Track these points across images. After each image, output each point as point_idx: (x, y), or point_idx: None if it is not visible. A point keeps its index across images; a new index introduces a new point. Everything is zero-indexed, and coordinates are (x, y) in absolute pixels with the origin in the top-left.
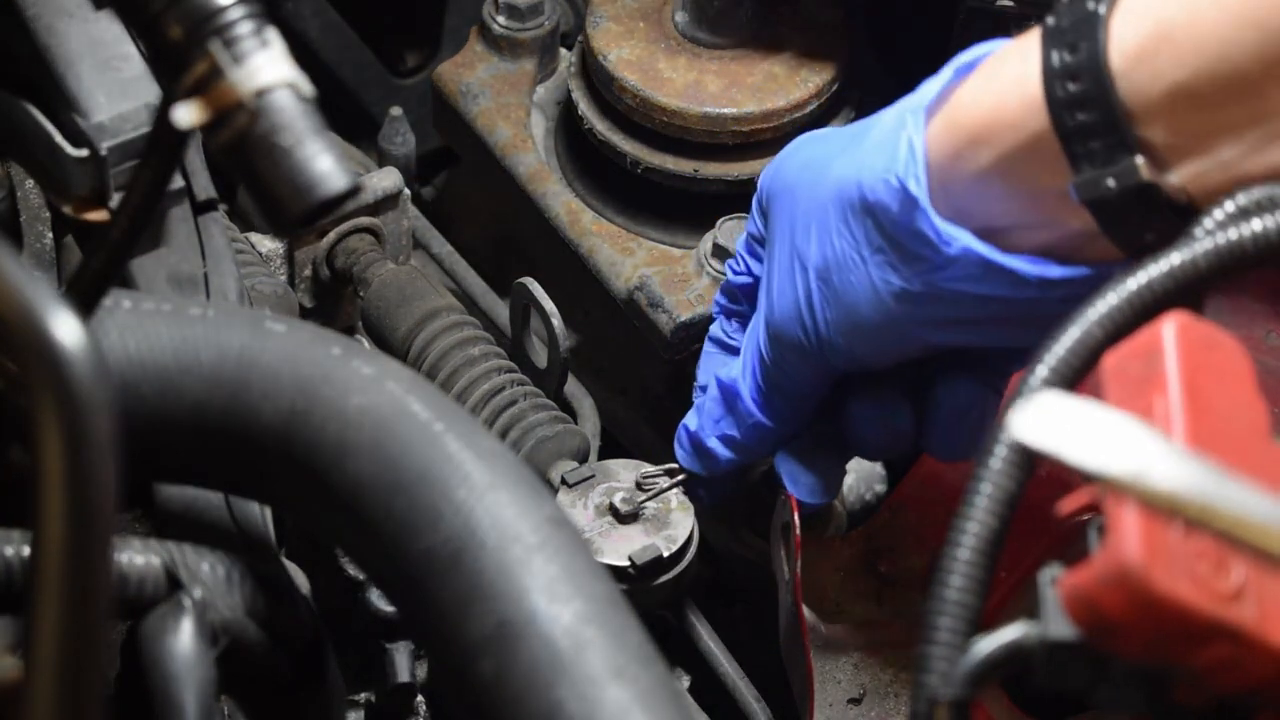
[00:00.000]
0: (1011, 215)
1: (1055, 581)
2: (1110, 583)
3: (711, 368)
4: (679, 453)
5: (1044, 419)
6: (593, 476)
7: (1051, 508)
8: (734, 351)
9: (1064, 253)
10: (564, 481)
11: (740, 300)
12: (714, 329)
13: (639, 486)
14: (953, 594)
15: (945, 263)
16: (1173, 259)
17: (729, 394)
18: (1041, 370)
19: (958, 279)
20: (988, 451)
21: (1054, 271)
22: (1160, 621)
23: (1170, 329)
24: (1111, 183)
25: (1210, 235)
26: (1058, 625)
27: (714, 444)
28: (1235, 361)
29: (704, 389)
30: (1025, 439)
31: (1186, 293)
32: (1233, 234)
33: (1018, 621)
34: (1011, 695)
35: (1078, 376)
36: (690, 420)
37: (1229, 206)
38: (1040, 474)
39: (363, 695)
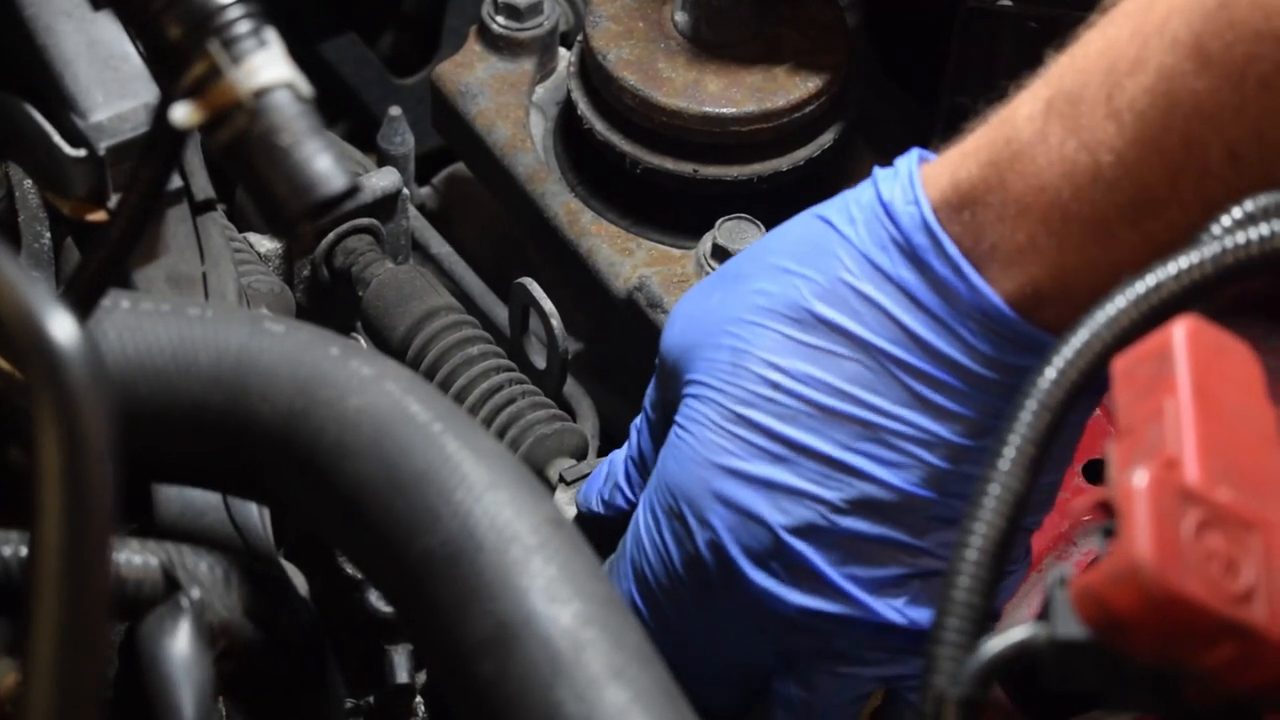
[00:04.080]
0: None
1: (1064, 582)
2: (1121, 581)
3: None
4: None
5: None
6: (590, 474)
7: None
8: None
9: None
10: (562, 479)
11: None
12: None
13: None
14: (960, 595)
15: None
16: (1180, 263)
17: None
18: (1050, 373)
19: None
20: (995, 453)
21: None
22: (1171, 620)
23: (1180, 332)
24: None
25: (1217, 240)
26: (1067, 625)
27: None
28: (1245, 366)
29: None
30: None
31: (1194, 298)
32: (1240, 239)
33: (1026, 622)
34: (1011, 696)
35: (1085, 380)
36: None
37: (1236, 213)
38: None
39: (362, 697)
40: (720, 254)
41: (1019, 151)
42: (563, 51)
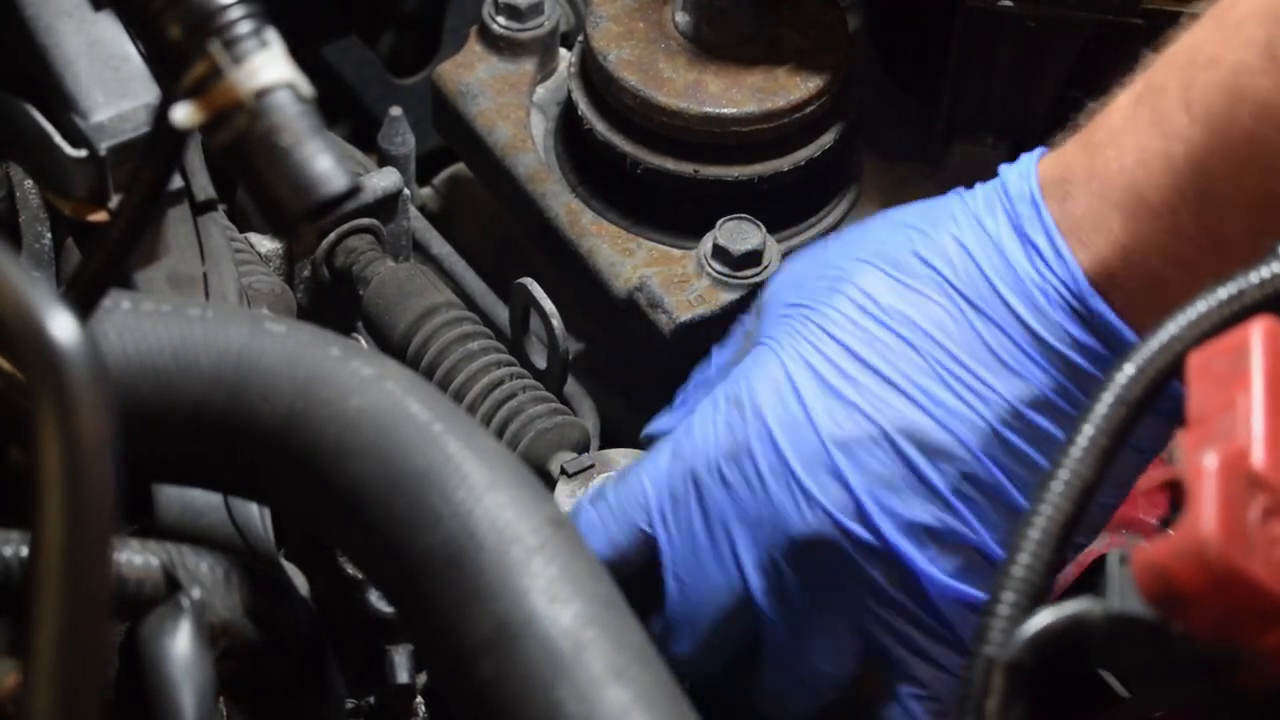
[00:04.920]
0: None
1: (1125, 560)
2: (1186, 556)
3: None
4: None
5: None
6: (592, 466)
7: None
8: None
9: None
10: (563, 471)
11: None
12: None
13: None
14: (1019, 571)
15: None
16: (1262, 272)
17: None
18: (1129, 368)
19: None
20: (1069, 441)
21: None
22: (1232, 598)
23: (1259, 330)
24: None
25: None
26: (1126, 599)
27: None
28: None
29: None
30: None
31: (1275, 306)
32: None
33: (1081, 597)
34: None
35: (1162, 378)
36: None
37: None
38: None
39: (362, 697)
40: (721, 254)
41: (1107, 136)
42: (563, 52)
